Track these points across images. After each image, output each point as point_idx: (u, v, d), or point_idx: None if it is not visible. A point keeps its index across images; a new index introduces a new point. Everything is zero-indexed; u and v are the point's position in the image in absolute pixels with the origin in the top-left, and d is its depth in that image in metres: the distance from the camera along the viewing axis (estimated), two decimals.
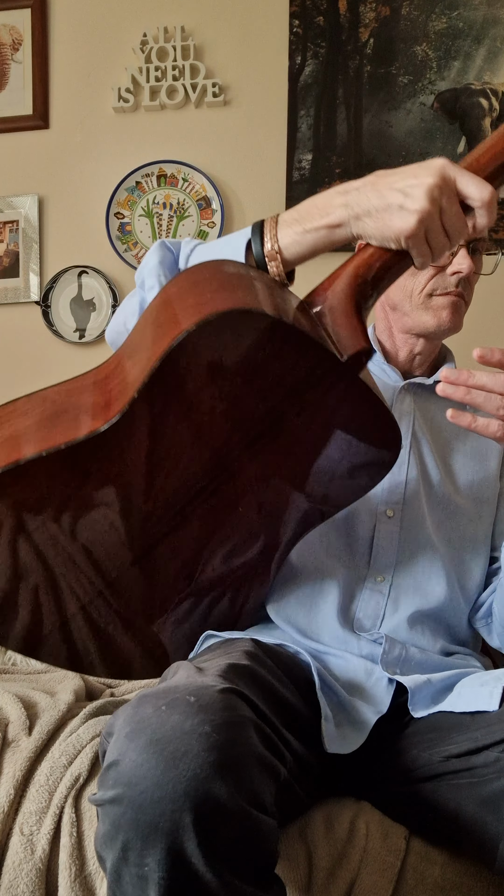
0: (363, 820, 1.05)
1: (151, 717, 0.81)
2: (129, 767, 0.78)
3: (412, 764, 1.06)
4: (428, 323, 1.32)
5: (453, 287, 1.30)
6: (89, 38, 2.43)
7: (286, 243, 0.99)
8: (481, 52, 2.23)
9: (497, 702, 1.02)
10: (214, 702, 0.83)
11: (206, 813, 0.76)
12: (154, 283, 1.07)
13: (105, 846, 0.80)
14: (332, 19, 2.30)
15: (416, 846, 1.04)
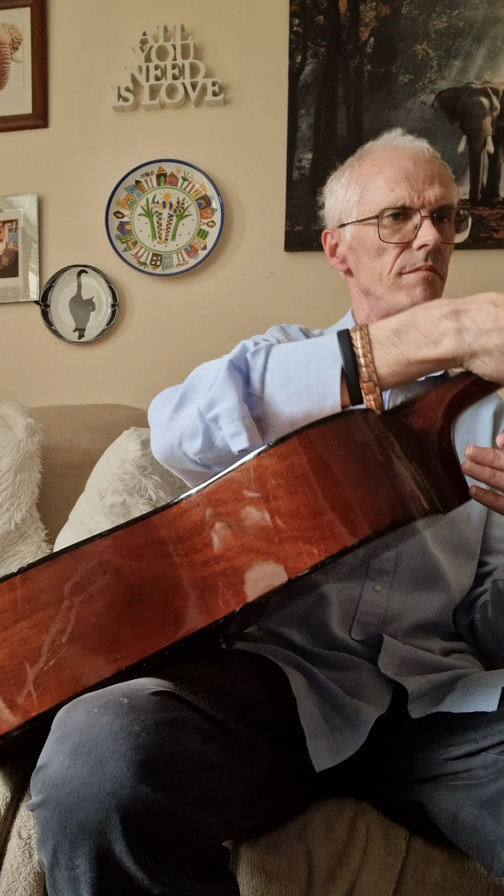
0: (363, 821, 1.05)
1: (82, 720, 0.80)
2: (56, 770, 0.79)
3: (411, 765, 1.06)
4: (402, 303, 1.26)
5: (422, 261, 1.25)
6: (89, 37, 2.43)
7: (385, 374, 0.89)
8: (482, 52, 2.22)
9: (496, 703, 1.01)
10: (147, 703, 0.82)
11: (133, 811, 0.76)
12: (239, 429, 0.91)
13: (40, 851, 0.81)
14: (332, 18, 2.29)
15: (417, 847, 1.04)
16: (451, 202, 1.28)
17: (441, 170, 1.29)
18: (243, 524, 0.81)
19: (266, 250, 2.35)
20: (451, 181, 1.31)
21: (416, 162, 1.27)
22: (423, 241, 1.23)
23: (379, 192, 1.26)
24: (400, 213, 1.24)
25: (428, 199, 1.24)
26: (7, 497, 1.84)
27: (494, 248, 2.25)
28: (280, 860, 1.00)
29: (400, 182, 1.25)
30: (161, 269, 2.38)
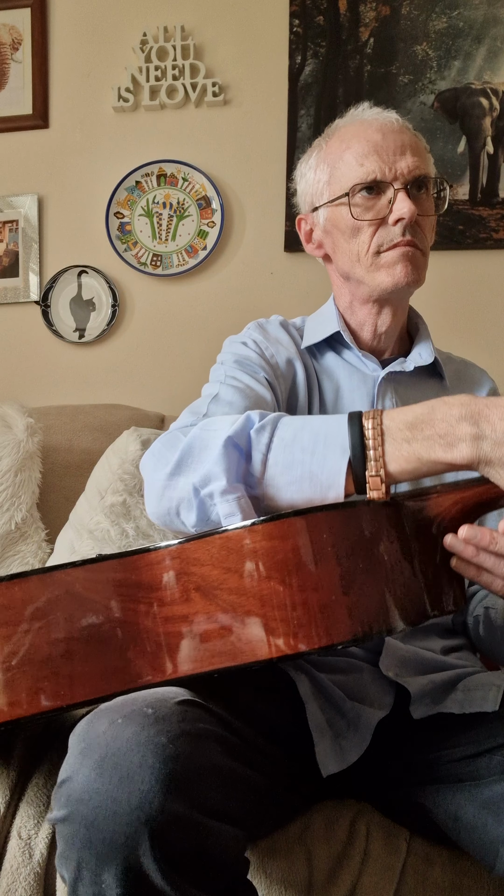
0: (363, 821, 1.05)
1: (106, 731, 0.79)
2: (81, 785, 0.77)
3: (414, 767, 1.05)
4: (384, 283, 1.20)
5: (399, 236, 1.17)
6: (89, 37, 2.43)
7: (395, 470, 0.84)
8: (481, 52, 2.23)
9: (497, 703, 1.01)
10: (172, 713, 0.81)
11: (162, 826, 0.74)
12: (233, 509, 0.86)
13: (62, 866, 0.79)
14: (332, 19, 2.29)
15: (417, 847, 1.04)
16: (426, 171, 1.20)
17: (413, 139, 1.22)
18: (214, 592, 0.77)
19: (266, 250, 2.35)
20: (426, 151, 1.25)
21: (384, 133, 1.20)
22: (398, 215, 1.16)
23: (348, 169, 1.20)
24: (372, 187, 1.18)
25: (400, 171, 1.18)
26: (7, 497, 1.84)
27: (494, 248, 2.25)
28: (280, 862, 0.99)
29: (369, 155, 1.18)
30: (161, 269, 2.38)
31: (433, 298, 2.26)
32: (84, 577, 0.81)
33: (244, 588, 0.76)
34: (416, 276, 1.19)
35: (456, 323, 2.21)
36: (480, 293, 2.27)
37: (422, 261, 1.21)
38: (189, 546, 0.79)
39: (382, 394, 1.25)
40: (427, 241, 1.22)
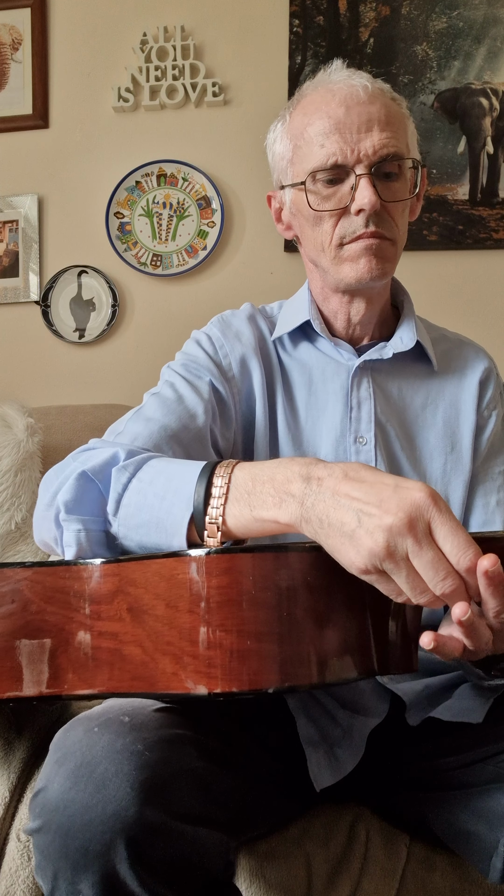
0: (363, 826, 1.05)
1: (82, 740, 0.78)
2: (56, 794, 0.76)
3: (409, 775, 1.05)
4: (347, 276, 1.11)
5: (362, 228, 1.08)
6: (89, 37, 2.43)
7: (233, 525, 0.80)
8: (481, 52, 2.22)
9: (482, 715, 0.99)
10: (149, 720, 0.81)
11: (138, 833, 0.73)
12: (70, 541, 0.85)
13: (39, 876, 0.78)
14: (331, 19, 2.29)
15: (417, 852, 1.04)
16: (395, 150, 1.08)
17: (383, 109, 1.09)
18: (142, 616, 0.75)
19: (266, 250, 2.35)
20: (404, 118, 1.13)
21: (348, 106, 1.08)
22: (358, 206, 1.07)
23: (308, 149, 1.10)
24: (334, 174, 1.08)
25: (364, 151, 1.07)
26: (7, 497, 1.84)
27: (494, 248, 2.25)
28: (279, 867, 0.99)
29: (330, 135, 1.07)
30: (161, 269, 2.38)
31: (433, 298, 2.26)
32: (31, 578, 0.80)
33: (168, 617, 0.74)
34: (381, 269, 1.11)
35: (456, 323, 2.20)
36: (480, 293, 2.27)
37: (390, 251, 1.12)
38: (129, 565, 0.78)
39: (358, 384, 1.18)
40: (397, 230, 1.12)
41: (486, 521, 1.20)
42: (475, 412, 1.21)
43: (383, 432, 1.17)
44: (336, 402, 1.18)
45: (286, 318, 1.23)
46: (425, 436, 1.19)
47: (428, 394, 1.21)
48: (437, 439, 1.19)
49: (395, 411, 1.19)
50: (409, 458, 1.18)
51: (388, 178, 1.09)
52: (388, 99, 1.11)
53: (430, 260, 2.28)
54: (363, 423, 1.16)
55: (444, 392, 1.22)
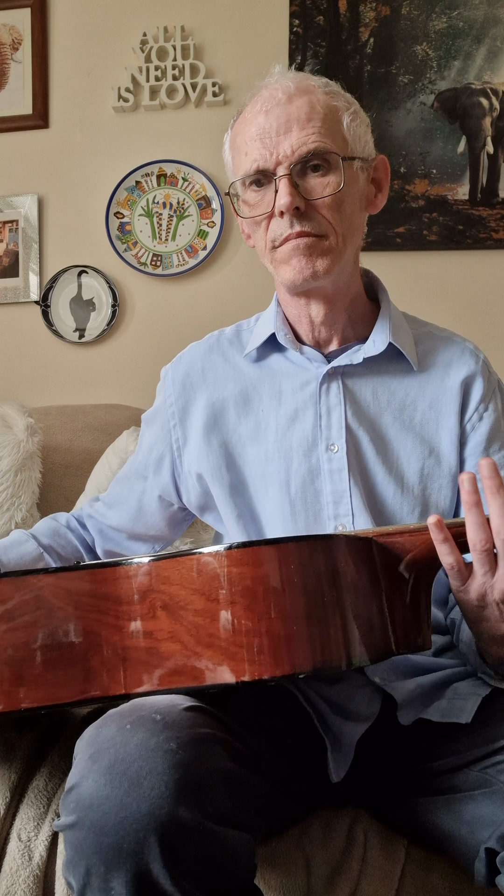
0: (361, 828, 1.05)
1: (115, 737, 0.79)
2: (90, 790, 0.77)
3: (402, 780, 1.04)
4: (286, 278, 1.11)
5: (288, 229, 1.07)
6: (89, 37, 2.43)
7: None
8: (481, 52, 2.22)
9: (470, 715, 0.99)
10: (181, 719, 0.81)
11: (172, 832, 0.74)
12: None
13: (69, 872, 0.78)
14: (332, 19, 2.29)
15: (416, 853, 1.04)
16: (315, 145, 1.06)
17: (304, 107, 1.08)
18: (179, 612, 0.79)
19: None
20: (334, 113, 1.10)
21: (268, 110, 1.08)
22: (278, 208, 1.06)
23: (239, 160, 1.11)
24: (259, 179, 1.09)
25: (283, 153, 1.06)
26: (7, 497, 1.85)
27: (494, 248, 2.25)
28: (278, 869, 0.99)
29: (252, 142, 1.08)
30: (161, 269, 2.38)
31: (433, 298, 2.26)
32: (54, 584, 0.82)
33: (209, 610, 0.77)
34: (312, 267, 1.08)
35: (456, 323, 2.20)
36: (480, 293, 2.27)
37: (321, 245, 1.08)
38: (161, 564, 0.80)
39: (326, 391, 1.15)
40: (329, 225, 1.08)
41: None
42: (457, 416, 1.16)
43: (354, 438, 1.14)
44: (306, 412, 1.15)
45: (259, 330, 1.23)
46: (402, 439, 1.15)
47: (407, 394, 1.16)
48: (414, 443, 1.15)
49: (368, 415, 1.15)
50: (383, 462, 1.14)
51: (314, 171, 1.08)
52: (321, 94, 1.10)
53: (430, 260, 2.28)
54: (333, 430, 1.13)
55: (426, 392, 1.17)
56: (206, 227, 2.36)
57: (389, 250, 2.24)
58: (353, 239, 1.13)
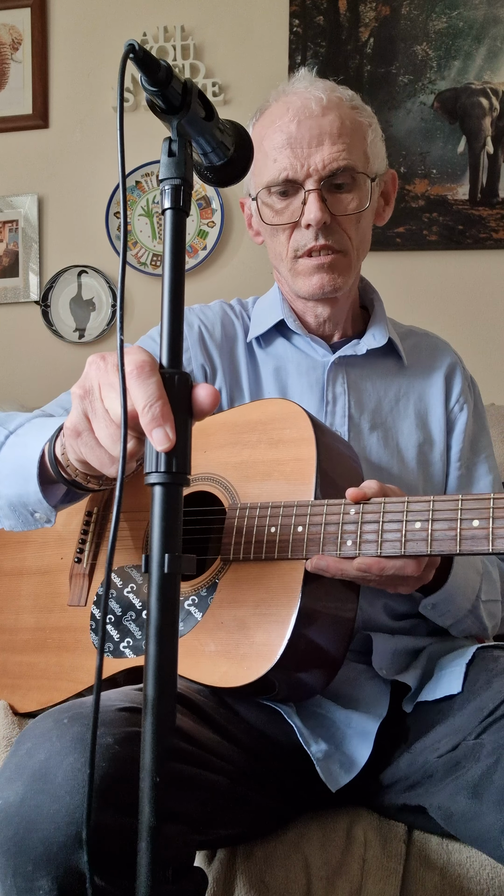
0: (360, 827, 1.04)
1: (51, 731, 0.79)
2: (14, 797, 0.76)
3: (406, 769, 1.04)
4: (302, 290, 1.16)
5: (313, 241, 1.12)
6: (89, 37, 2.43)
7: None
8: (481, 52, 2.22)
9: (460, 685, 1.02)
10: (116, 718, 0.82)
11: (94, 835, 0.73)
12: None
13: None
14: (332, 19, 2.29)
15: (416, 851, 1.03)
16: (346, 163, 1.10)
17: (336, 122, 1.11)
18: None
19: (266, 250, 2.35)
20: (360, 130, 1.14)
21: (300, 120, 1.11)
22: (306, 221, 1.11)
23: (264, 163, 1.13)
24: (286, 187, 1.12)
25: (314, 166, 1.10)
26: None
27: (494, 248, 2.25)
28: (277, 871, 0.99)
29: (282, 149, 1.11)
30: (161, 269, 2.37)
31: (433, 298, 2.26)
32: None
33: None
34: (333, 284, 1.15)
35: (456, 323, 2.21)
36: (480, 293, 2.27)
37: (342, 262, 1.15)
38: None
39: (333, 380, 1.20)
40: (349, 241, 1.15)
41: None
42: (443, 406, 1.25)
43: (356, 427, 1.20)
44: (311, 397, 1.20)
45: (260, 315, 1.26)
46: (399, 426, 1.22)
47: (399, 388, 1.24)
48: (410, 429, 1.23)
49: (368, 405, 1.22)
50: (385, 447, 1.20)
51: (339, 189, 1.13)
52: (347, 108, 1.14)
53: (430, 260, 2.28)
54: (337, 417, 1.19)
55: (414, 386, 1.25)
56: (206, 227, 2.36)
57: (389, 250, 2.24)
58: (364, 252, 1.20)
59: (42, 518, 0.95)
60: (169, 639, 0.63)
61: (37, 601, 1.18)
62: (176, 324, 0.66)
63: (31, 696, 1.13)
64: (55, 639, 1.14)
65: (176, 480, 0.64)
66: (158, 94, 0.66)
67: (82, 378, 0.74)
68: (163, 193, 0.68)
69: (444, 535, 0.87)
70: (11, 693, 1.16)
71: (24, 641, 1.17)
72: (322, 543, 0.93)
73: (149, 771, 0.61)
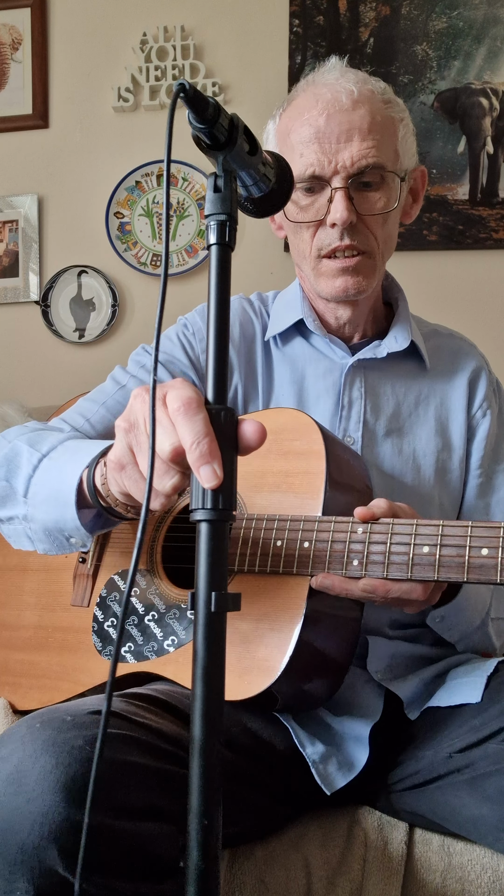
0: (361, 827, 1.04)
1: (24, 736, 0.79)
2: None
3: (416, 765, 1.04)
4: (325, 292, 1.14)
5: (337, 241, 1.09)
6: (89, 37, 2.43)
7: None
8: (481, 52, 2.22)
9: (480, 693, 1.01)
10: (88, 721, 0.81)
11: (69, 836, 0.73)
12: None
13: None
14: (332, 18, 2.29)
15: (417, 852, 1.03)
16: (374, 160, 1.07)
17: (367, 117, 1.07)
18: None
19: (266, 250, 2.35)
20: (391, 125, 1.10)
21: (329, 114, 1.07)
22: (332, 220, 1.07)
23: (290, 157, 1.08)
24: (312, 184, 1.09)
25: (342, 163, 1.06)
26: None
27: (494, 248, 2.25)
28: (278, 871, 0.99)
29: (310, 144, 1.07)
30: (161, 269, 2.37)
31: (433, 298, 2.26)
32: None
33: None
34: (357, 288, 1.12)
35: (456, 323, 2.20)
36: (480, 293, 2.27)
37: (367, 264, 1.12)
38: None
39: (350, 383, 1.18)
40: (375, 242, 1.12)
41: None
42: (465, 412, 1.22)
43: (371, 433, 1.17)
44: (327, 400, 1.18)
45: (279, 312, 1.24)
46: (417, 433, 1.19)
47: (420, 392, 1.21)
48: (429, 436, 1.20)
49: (386, 410, 1.19)
50: (400, 455, 1.18)
51: (367, 187, 1.09)
52: (379, 102, 1.10)
53: (430, 260, 2.28)
54: (352, 422, 1.17)
55: (436, 390, 1.22)
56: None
57: None
58: (389, 252, 1.17)
59: (78, 543, 0.95)
60: (216, 679, 0.62)
61: (39, 599, 1.18)
62: (221, 359, 0.67)
63: (32, 696, 1.13)
64: (57, 638, 1.14)
65: (222, 517, 0.63)
66: (205, 132, 0.67)
67: (127, 411, 0.74)
68: (208, 229, 0.69)
69: (452, 562, 0.86)
70: (13, 691, 1.16)
71: (25, 639, 1.17)
72: (328, 561, 0.92)
73: (196, 814, 0.60)
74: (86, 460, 0.91)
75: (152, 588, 1.08)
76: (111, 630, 1.08)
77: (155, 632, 1.05)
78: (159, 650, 1.04)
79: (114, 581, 1.11)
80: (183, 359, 1.21)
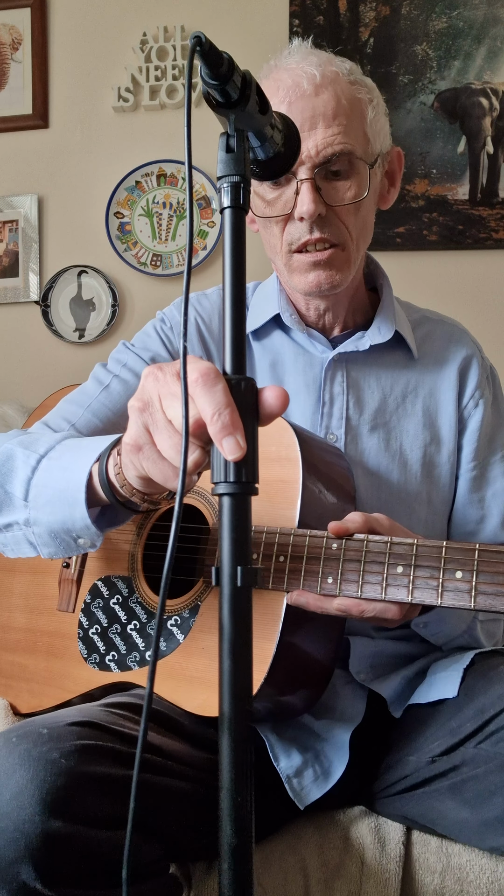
0: (358, 829, 1.04)
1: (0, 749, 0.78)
2: None
3: (401, 771, 1.04)
4: (299, 286, 1.09)
5: (307, 234, 1.03)
6: (89, 37, 2.43)
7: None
8: (481, 52, 2.22)
9: (456, 688, 1.00)
10: (66, 733, 0.80)
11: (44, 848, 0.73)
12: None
13: None
14: (332, 19, 2.29)
15: (415, 854, 1.03)
16: (341, 147, 1.01)
17: (331, 101, 1.01)
18: None
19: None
20: (358, 107, 1.04)
21: (290, 102, 1.01)
22: (299, 214, 1.02)
23: None
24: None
25: (307, 153, 1.00)
26: None
27: (494, 248, 2.25)
28: (275, 873, 0.99)
29: None
30: (161, 269, 2.37)
31: (433, 298, 2.25)
32: None
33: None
34: (331, 280, 1.07)
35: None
36: (480, 293, 2.27)
37: (340, 257, 1.07)
38: None
39: (331, 379, 1.14)
40: (346, 233, 1.06)
41: (484, 516, 1.19)
42: (455, 403, 1.17)
43: (354, 429, 1.14)
44: (308, 396, 1.14)
45: (258, 305, 1.20)
46: (404, 426, 1.16)
47: (408, 382, 1.17)
48: (416, 429, 1.16)
49: (370, 405, 1.15)
50: (386, 451, 1.14)
51: (336, 176, 1.04)
52: (345, 83, 1.04)
53: (430, 260, 2.28)
54: (334, 419, 1.13)
55: (424, 381, 1.18)
56: (206, 227, 2.35)
57: (389, 250, 2.24)
58: (365, 241, 1.12)
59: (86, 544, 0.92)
60: (243, 655, 0.61)
61: (27, 601, 1.17)
62: (239, 328, 0.64)
63: (23, 699, 1.13)
64: (45, 643, 1.13)
65: (246, 490, 0.62)
66: (218, 88, 0.63)
67: (139, 391, 0.71)
68: (220, 191, 0.65)
69: (426, 585, 0.83)
70: (5, 692, 1.16)
71: (15, 641, 1.17)
72: (303, 576, 0.89)
73: (228, 790, 0.59)
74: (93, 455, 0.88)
75: (134, 596, 1.06)
76: (95, 637, 1.07)
77: (137, 641, 1.04)
78: (141, 660, 1.03)
79: (97, 587, 1.10)
80: (163, 352, 1.20)
